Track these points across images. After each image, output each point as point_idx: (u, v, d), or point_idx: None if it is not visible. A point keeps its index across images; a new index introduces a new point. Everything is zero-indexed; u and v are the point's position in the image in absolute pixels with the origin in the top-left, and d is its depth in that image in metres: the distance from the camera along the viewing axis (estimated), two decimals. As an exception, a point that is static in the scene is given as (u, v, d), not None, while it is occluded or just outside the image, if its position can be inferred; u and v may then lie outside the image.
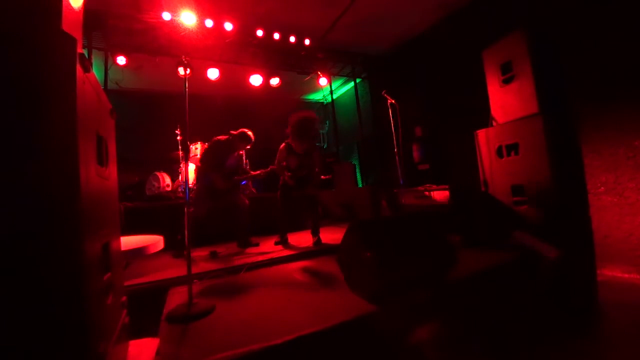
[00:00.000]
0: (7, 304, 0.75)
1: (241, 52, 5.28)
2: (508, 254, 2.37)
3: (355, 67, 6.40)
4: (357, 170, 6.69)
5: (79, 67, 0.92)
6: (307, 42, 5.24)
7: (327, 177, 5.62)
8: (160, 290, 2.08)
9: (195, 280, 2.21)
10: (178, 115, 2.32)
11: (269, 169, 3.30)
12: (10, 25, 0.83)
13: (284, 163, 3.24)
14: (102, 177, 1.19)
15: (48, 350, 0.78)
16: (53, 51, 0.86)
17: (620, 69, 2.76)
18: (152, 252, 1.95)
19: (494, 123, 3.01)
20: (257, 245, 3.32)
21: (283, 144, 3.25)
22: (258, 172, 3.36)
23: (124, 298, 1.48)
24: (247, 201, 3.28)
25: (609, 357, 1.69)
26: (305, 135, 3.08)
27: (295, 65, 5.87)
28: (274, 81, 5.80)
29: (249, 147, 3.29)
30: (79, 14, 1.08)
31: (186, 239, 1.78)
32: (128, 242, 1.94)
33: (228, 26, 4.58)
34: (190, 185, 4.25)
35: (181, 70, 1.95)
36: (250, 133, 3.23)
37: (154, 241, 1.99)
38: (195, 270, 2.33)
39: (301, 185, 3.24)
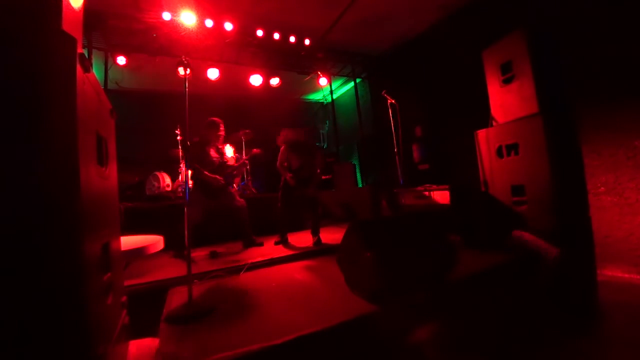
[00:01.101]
0: (7, 304, 0.75)
1: (241, 52, 5.28)
2: (508, 254, 2.36)
3: (355, 67, 6.40)
4: (357, 170, 6.69)
5: (79, 67, 0.92)
6: (307, 42, 5.24)
7: (326, 177, 5.63)
8: (160, 290, 2.08)
9: (195, 280, 2.21)
10: (178, 115, 2.32)
11: (250, 154, 3.33)
12: (10, 25, 0.82)
13: (286, 164, 3.25)
14: (102, 177, 1.19)
15: (48, 350, 0.78)
16: (53, 51, 0.86)
17: (620, 69, 2.76)
18: (152, 252, 1.94)
19: (494, 123, 3.01)
20: (261, 244, 3.32)
21: (283, 145, 3.26)
22: (242, 160, 3.43)
23: (124, 298, 1.49)
24: (244, 202, 3.29)
25: (609, 357, 1.69)
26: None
27: (295, 65, 5.87)
28: (274, 81, 5.80)
29: (220, 133, 3.21)
30: (79, 14, 1.08)
31: (186, 239, 1.78)
32: (128, 242, 1.94)
33: (228, 26, 4.58)
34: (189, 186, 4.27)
35: (181, 70, 1.95)
36: (215, 118, 3.18)
37: (154, 241, 1.99)
38: (195, 270, 2.33)
39: (302, 186, 3.24)
